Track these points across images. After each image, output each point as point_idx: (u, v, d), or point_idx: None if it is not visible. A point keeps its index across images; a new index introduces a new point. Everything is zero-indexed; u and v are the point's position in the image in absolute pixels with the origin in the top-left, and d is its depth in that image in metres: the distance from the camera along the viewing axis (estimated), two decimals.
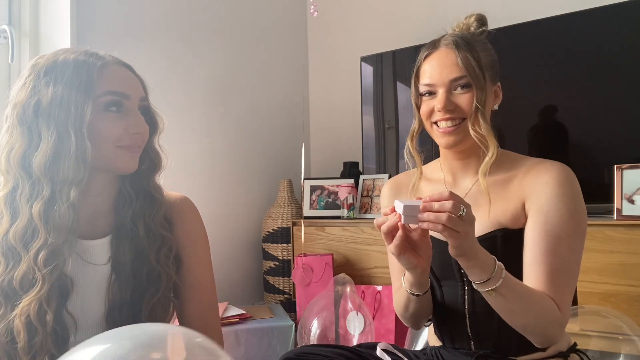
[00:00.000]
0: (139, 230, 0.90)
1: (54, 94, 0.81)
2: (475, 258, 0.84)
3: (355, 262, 2.12)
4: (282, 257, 2.34)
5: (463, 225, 0.80)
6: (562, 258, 0.91)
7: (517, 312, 0.88)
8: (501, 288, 0.85)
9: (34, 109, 0.82)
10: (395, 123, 2.35)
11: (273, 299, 2.37)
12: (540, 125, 1.97)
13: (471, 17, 1.05)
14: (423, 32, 2.41)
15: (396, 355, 1.04)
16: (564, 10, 1.90)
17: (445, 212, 0.79)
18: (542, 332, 0.90)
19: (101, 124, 0.85)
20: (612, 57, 1.81)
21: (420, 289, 0.98)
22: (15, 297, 0.81)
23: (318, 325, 1.92)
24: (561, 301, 0.90)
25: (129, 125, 0.87)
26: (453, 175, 1.07)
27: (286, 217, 2.36)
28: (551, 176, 0.94)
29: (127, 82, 0.89)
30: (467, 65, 0.95)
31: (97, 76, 0.84)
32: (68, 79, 0.82)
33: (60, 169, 0.81)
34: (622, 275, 1.52)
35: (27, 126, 0.82)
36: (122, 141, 0.87)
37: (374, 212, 2.19)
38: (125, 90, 0.87)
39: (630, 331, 1.34)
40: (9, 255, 0.82)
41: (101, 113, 0.85)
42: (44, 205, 0.80)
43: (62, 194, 0.81)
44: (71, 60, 0.84)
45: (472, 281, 0.87)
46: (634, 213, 1.57)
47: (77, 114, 0.81)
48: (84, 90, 0.82)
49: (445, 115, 0.97)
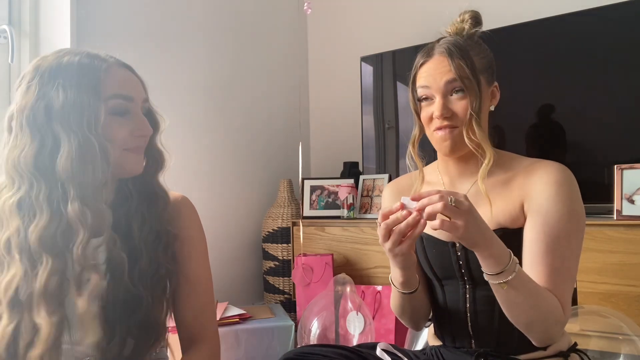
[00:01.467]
0: (133, 229, 0.91)
1: (65, 97, 0.82)
2: (490, 247, 0.84)
3: (355, 262, 2.12)
4: (282, 257, 2.34)
5: (460, 213, 0.80)
6: (562, 258, 0.92)
7: (524, 308, 0.88)
8: (513, 281, 0.85)
9: (45, 112, 0.82)
10: (395, 123, 2.35)
11: (273, 299, 2.37)
12: (539, 125, 1.97)
13: (465, 14, 1.05)
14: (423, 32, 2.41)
15: (396, 355, 1.04)
16: (563, 10, 1.90)
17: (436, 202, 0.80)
18: (544, 330, 0.90)
19: (108, 127, 0.85)
20: (612, 57, 1.82)
21: (409, 287, 1.00)
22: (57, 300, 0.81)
23: (318, 325, 1.92)
24: (562, 300, 0.91)
25: (134, 128, 0.89)
26: (451, 178, 1.07)
27: (286, 217, 2.36)
28: (550, 176, 0.95)
29: (131, 84, 0.90)
30: (460, 74, 0.96)
31: (102, 79, 0.85)
32: (76, 82, 0.83)
33: (88, 170, 0.82)
34: (622, 275, 1.52)
35: (37, 129, 0.82)
36: (127, 144, 0.88)
37: (374, 212, 2.19)
38: (129, 93, 0.89)
39: (630, 331, 1.34)
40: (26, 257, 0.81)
41: (108, 116, 0.86)
42: (80, 205, 0.81)
43: (96, 193, 0.83)
44: (76, 63, 0.85)
45: (485, 272, 0.87)
46: (634, 213, 1.57)
47: (91, 117, 0.82)
48: (92, 93, 0.83)
49: (444, 123, 0.98)
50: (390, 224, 0.85)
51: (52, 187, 0.82)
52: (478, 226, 0.83)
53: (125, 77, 0.90)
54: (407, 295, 1.01)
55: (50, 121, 0.82)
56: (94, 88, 0.84)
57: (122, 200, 0.93)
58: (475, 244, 0.84)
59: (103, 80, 0.85)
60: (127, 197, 0.93)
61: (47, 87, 0.83)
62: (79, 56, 0.86)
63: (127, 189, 0.94)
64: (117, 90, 0.87)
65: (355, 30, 2.73)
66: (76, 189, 0.81)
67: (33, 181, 0.82)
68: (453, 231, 0.81)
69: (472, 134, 0.96)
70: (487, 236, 0.84)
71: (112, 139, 0.86)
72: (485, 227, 0.85)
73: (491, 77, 1.02)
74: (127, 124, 0.88)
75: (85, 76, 0.84)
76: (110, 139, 0.85)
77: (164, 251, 0.93)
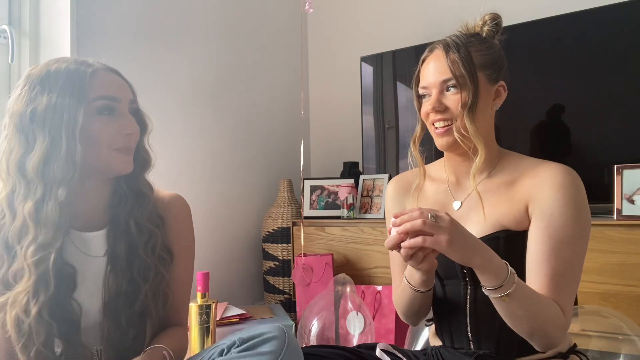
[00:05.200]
0: (130, 226, 0.96)
1: (48, 101, 0.87)
2: (485, 263, 0.84)
3: (355, 262, 2.12)
4: (282, 257, 2.34)
5: (441, 229, 0.80)
6: (565, 261, 0.91)
7: (525, 318, 0.87)
8: (513, 294, 0.84)
9: (30, 116, 0.87)
10: (395, 123, 2.35)
11: (273, 299, 2.37)
12: (540, 125, 1.97)
13: (486, 15, 1.05)
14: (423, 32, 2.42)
15: (395, 355, 1.04)
16: (564, 10, 1.90)
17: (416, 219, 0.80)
18: (546, 337, 0.90)
19: (95, 127, 0.90)
20: (613, 57, 1.81)
21: (427, 285, 0.99)
22: None
23: (318, 325, 1.92)
24: (564, 305, 0.90)
25: (121, 127, 0.93)
26: (456, 176, 1.06)
27: (286, 217, 2.36)
28: (555, 179, 0.94)
29: (117, 87, 0.94)
30: (453, 67, 0.96)
31: (88, 82, 0.90)
32: (61, 87, 0.88)
33: (51, 169, 0.86)
34: (622, 275, 1.52)
35: (23, 133, 0.88)
36: (115, 143, 0.92)
37: (374, 212, 2.19)
38: (115, 94, 0.93)
39: (630, 331, 1.34)
40: (9, 254, 0.88)
41: (94, 117, 0.90)
42: (35, 205, 0.86)
43: (52, 193, 0.87)
44: (63, 69, 0.90)
45: (484, 287, 0.86)
46: (634, 213, 1.57)
47: (69, 118, 0.87)
48: (76, 96, 0.88)
49: (437, 117, 0.98)
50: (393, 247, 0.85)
51: (27, 187, 0.88)
52: (465, 241, 0.83)
53: (112, 80, 0.94)
54: (420, 293, 1.00)
55: (33, 124, 0.87)
56: (78, 91, 0.88)
57: (119, 198, 0.98)
58: (465, 259, 0.84)
59: (89, 83, 0.89)
60: (123, 196, 0.98)
61: (34, 93, 0.88)
62: (66, 63, 0.91)
63: (122, 188, 0.99)
64: (103, 92, 0.91)
65: (355, 30, 2.73)
66: (40, 188, 0.86)
67: (16, 181, 0.88)
68: (437, 246, 0.81)
69: (463, 130, 0.96)
70: (479, 251, 0.84)
71: (98, 139, 0.90)
72: (475, 242, 0.85)
73: (495, 75, 1.00)
74: (113, 124, 0.92)
75: (71, 80, 0.89)
76: (96, 139, 0.90)
77: (154, 247, 0.98)
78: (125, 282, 0.93)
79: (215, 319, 1.70)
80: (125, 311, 0.93)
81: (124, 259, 0.94)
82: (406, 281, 1.01)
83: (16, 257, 0.87)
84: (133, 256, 0.95)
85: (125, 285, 0.93)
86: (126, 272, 0.94)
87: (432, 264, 0.88)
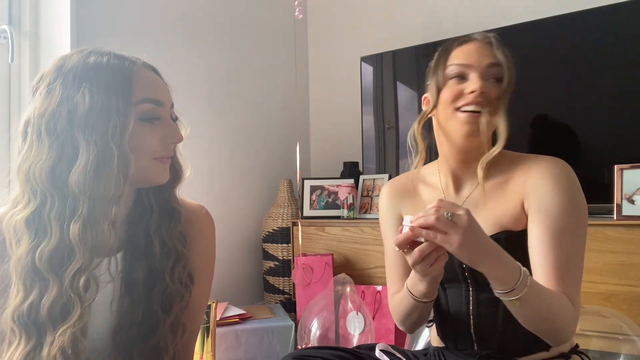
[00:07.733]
0: (154, 246, 0.82)
1: (92, 102, 0.73)
2: (496, 268, 0.81)
3: (355, 262, 2.12)
4: (282, 257, 2.34)
5: (456, 229, 0.77)
6: (567, 250, 0.90)
7: (538, 318, 0.86)
8: (526, 297, 0.82)
9: (67, 118, 0.73)
10: (395, 123, 2.35)
11: (273, 299, 2.37)
12: (540, 125, 1.97)
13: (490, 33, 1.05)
14: (423, 32, 2.42)
15: (395, 355, 1.04)
16: (564, 10, 1.90)
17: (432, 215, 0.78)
18: (560, 333, 0.89)
19: (139, 135, 0.78)
20: (613, 57, 1.81)
21: (430, 296, 0.96)
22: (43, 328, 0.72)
23: (318, 326, 1.92)
24: (572, 296, 0.89)
25: (165, 135, 0.82)
26: (452, 179, 1.04)
27: (286, 217, 2.36)
28: (546, 170, 0.94)
29: (159, 88, 0.83)
30: (505, 58, 0.95)
31: (134, 82, 0.78)
32: (106, 85, 0.75)
33: (102, 185, 0.73)
34: (622, 275, 1.52)
35: (57, 138, 0.73)
36: (158, 152, 0.82)
37: (374, 212, 2.19)
38: (159, 97, 0.82)
39: (630, 331, 1.34)
40: (34, 280, 0.73)
41: (137, 122, 0.78)
42: (83, 225, 0.72)
43: (103, 212, 0.74)
44: (105, 64, 0.77)
45: (495, 290, 0.84)
46: (634, 213, 1.57)
47: (119, 124, 0.74)
48: (124, 97, 0.75)
49: (477, 99, 0.93)
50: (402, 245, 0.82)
51: (66, 203, 0.73)
52: (477, 245, 0.79)
53: (154, 81, 0.83)
54: (421, 303, 0.97)
55: (72, 128, 0.73)
56: (125, 92, 0.76)
57: (141, 213, 0.85)
58: (475, 262, 0.81)
59: (134, 83, 0.77)
60: (147, 209, 0.85)
61: (71, 89, 0.74)
62: (107, 57, 0.79)
63: (147, 200, 0.86)
64: (148, 94, 0.79)
65: (355, 30, 2.73)
66: (86, 204, 0.73)
67: (46, 196, 0.73)
68: (446, 245, 0.78)
69: (493, 122, 0.94)
70: (493, 256, 0.81)
71: (141, 148, 0.78)
72: (488, 247, 0.81)
73: None
74: (158, 131, 0.81)
75: (115, 78, 0.76)
76: (138, 147, 0.78)
77: (181, 270, 0.85)
78: (141, 312, 0.79)
79: (215, 319, 1.70)
80: (138, 343, 0.79)
81: (142, 285, 0.80)
82: (408, 291, 0.98)
83: (49, 283, 0.72)
84: (153, 281, 0.81)
85: (141, 315, 0.79)
86: (143, 299, 0.80)
87: (440, 273, 0.86)
